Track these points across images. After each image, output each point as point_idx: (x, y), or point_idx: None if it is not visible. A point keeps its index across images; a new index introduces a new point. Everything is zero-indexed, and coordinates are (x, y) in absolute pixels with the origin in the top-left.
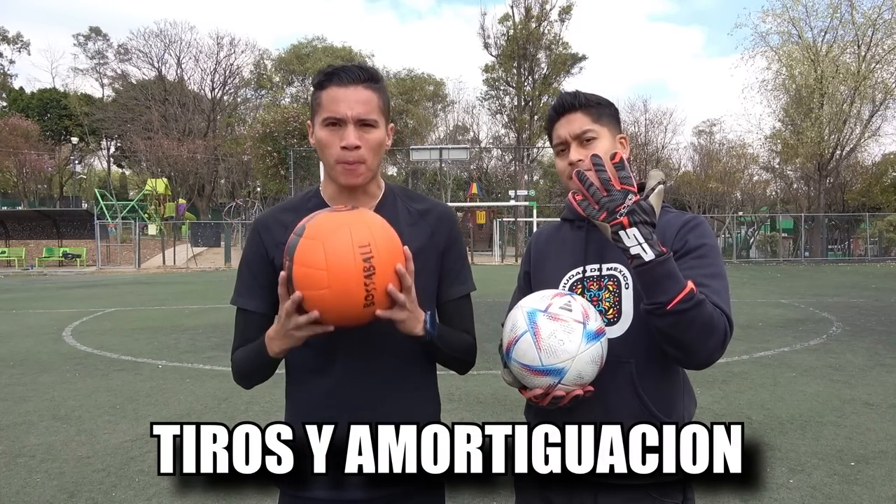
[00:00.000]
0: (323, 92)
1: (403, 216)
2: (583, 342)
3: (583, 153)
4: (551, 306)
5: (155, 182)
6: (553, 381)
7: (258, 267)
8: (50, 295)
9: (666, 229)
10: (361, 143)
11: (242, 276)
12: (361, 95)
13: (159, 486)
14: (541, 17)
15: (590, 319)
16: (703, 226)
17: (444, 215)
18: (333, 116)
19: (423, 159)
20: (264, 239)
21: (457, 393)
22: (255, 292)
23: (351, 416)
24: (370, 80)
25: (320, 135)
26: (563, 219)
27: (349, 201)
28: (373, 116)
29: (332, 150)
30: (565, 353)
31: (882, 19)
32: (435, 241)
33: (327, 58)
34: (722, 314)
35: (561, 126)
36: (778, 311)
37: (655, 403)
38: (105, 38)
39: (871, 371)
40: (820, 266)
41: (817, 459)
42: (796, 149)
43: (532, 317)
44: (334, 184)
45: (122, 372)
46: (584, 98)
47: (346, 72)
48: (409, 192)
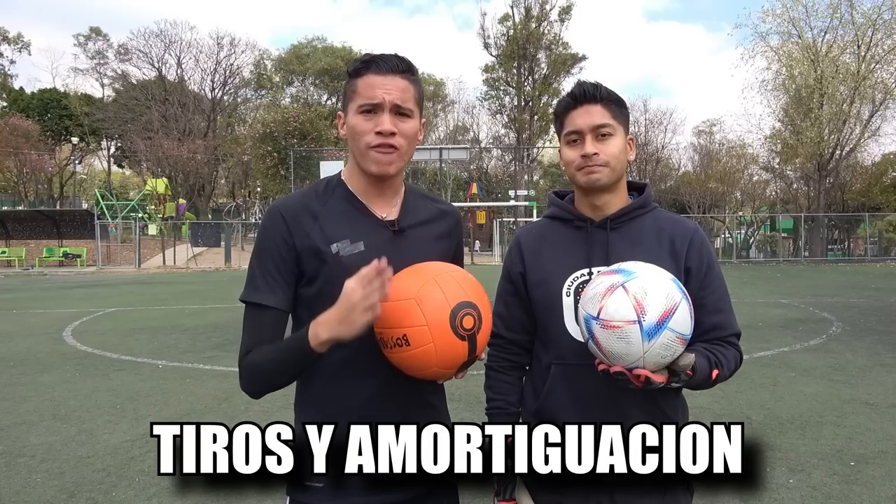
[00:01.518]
0: (359, 79)
1: (429, 213)
2: (644, 342)
3: (598, 147)
4: (602, 311)
5: (155, 182)
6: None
7: (281, 257)
8: (50, 295)
9: (675, 239)
10: (397, 130)
11: (261, 269)
12: (399, 83)
13: (159, 486)
14: (541, 17)
15: (646, 312)
16: (706, 239)
17: (459, 220)
18: (370, 102)
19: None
20: (292, 229)
21: (457, 393)
22: (276, 286)
23: (387, 418)
24: (408, 70)
25: (354, 121)
26: (552, 217)
27: (377, 194)
28: (409, 105)
29: (366, 137)
30: (630, 356)
31: (882, 19)
32: (450, 241)
33: (327, 58)
34: (735, 350)
35: (578, 115)
36: (778, 311)
37: (666, 403)
38: (105, 38)
39: (871, 371)
40: (820, 266)
41: (817, 459)
42: (796, 149)
43: (588, 325)
44: (363, 175)
45: (122, 372)
46: (606, 92)
47: (385, 60)
48: (424, 191)
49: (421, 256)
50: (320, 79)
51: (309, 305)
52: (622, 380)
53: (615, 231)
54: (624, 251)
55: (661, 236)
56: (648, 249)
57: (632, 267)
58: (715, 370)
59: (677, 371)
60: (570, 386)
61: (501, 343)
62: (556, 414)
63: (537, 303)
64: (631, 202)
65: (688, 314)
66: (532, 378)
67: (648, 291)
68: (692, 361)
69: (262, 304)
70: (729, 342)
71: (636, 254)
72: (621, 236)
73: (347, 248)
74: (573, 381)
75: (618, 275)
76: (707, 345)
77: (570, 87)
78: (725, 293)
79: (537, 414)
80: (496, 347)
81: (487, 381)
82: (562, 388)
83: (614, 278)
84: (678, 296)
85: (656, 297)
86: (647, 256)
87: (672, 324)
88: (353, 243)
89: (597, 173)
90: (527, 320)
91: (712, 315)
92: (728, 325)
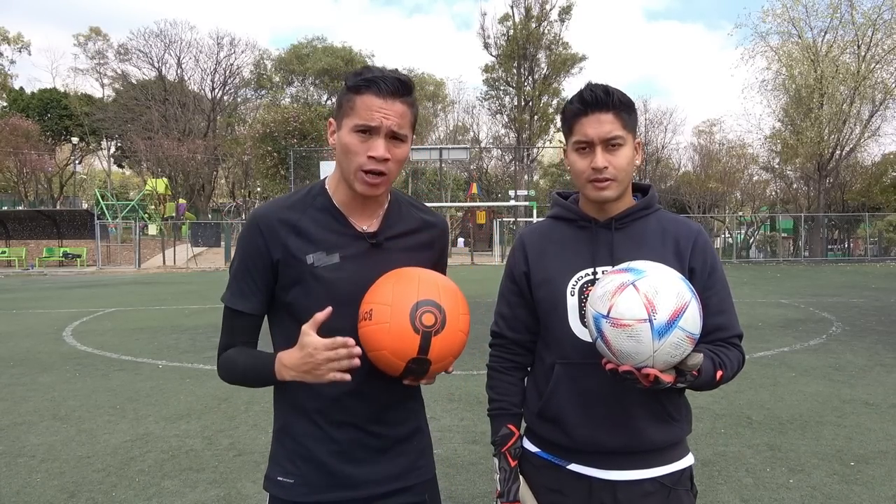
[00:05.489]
0: (358, 97)
1: (413, 223)
2: (654, 341)
3: (608, 159)
4: (612, 309)
5: (155, 182)
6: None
7: (256, 266)
8: (50, 295)
9: (679, 239)
10: (390, 156)
11: (237, 275)
12: (398, 109)
13: (159, 486)
14: (541, 17)
15: (657, 311)
16: (709, 241)
17: (445, 231)
18: (367, 124)
19: (423, 159)
20: (267, 237)
21: (457, 393)
22: (249, 293)
23: (359, 417)
24: (407, 93)
25: (347, 139)
26: (556, 217)
27: (359, 207)
28: (404, 131)
29: (358, 159)
30: (640, 354)
31: (882, 19)
32: (432, 252)
33: (327, 58)
34: (738, 352)
35: (589, 125)
36: (778, 311)
37: (671, 403)
38: (105, 38)
39: (871, 371)
40: (820, 266)
41: (817, 459)
42: (796, 149)
43: (598, 324)
44: (348, 189)
45: (122, 372)
46: (618, 98)
47: (387, 82)
48: (412, 200)
49: (396, 267)
50: (320, 79)
51: (284, 310)
52: (630, 379)
53: (620, 231)
54: (629, 251)
55: (665, 237)
56: (653, 250)
57: (641, 265)
58: (719, 371)
59: (684, 371)
60: (574, 385)
61: (504, 343)
62: (560, 414)
63: (541, 302)
64: (635, 203)
65: (697, 313)
66: (535, 378)
67: (659, 290)
68: (700, 361)
69: (235, 308)
70: (732, 343)
71: (641, 254)
72: (626, 236)
73: (323, 260)
74: (577, 381)
75: (628, 273)
76: (711, 346)
77: (580, 87)
78: (728, 295)
79: (540, 414)
80: (499, 348)
81: (490, 382)
82: (566, 387)
83: (624, 276)
84: (688, 294)
85: (667, 295)
86: (651, 257)
87: (682, 322)
88: (329, 255)
89: (607, 190)
90: (530, 320)
91: (715, 316)
92: (731, 327)
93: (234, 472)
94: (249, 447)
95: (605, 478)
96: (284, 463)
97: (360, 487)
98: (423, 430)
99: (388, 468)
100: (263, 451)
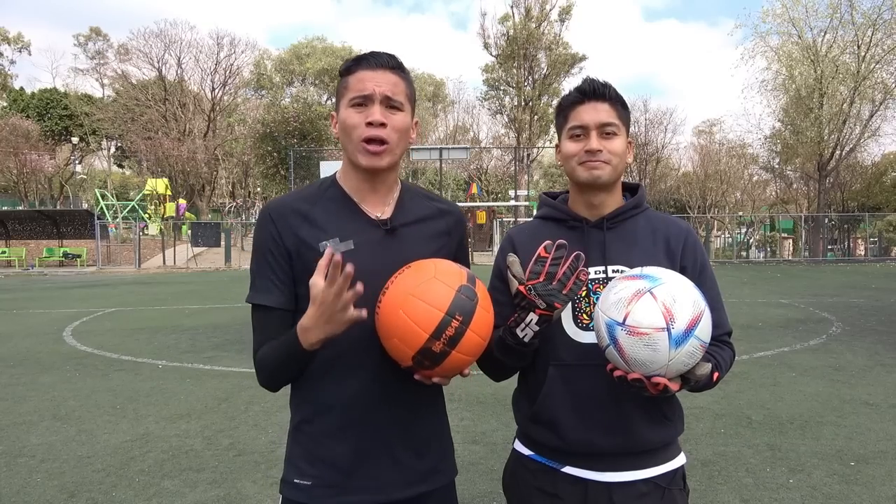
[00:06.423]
0: (350, 76)
1: (427, 211)
2: (671, 350)
3: (603, 144)
4: (629, 317)
5: (155, 182)
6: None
7: (273, 257)
8: (50, 295)
9: (669, 238)
10: (387, 121)
11: (258, 270)
12: (390, 77)
13: (159, 486)
14: (541, 17)
15: (675, 319)
16: (698, 239)
17: (461, 219)
18: (360, 94)
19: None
20: (280, 229)
21: (457, 393)
22: (271, 286)
23: (376, 415)
24: (398, 67)
25: (345, 115)
26: (545, 217)
27: (370, 192)
28: (399, 98)
29: (357, 130)
30: (655, 363)
31: (882, 19)
32: (447, 240)
33: (327, 58)
34: (730, 350)
35: (585, 111)
36: (778, 311)
37: (667, 405)
38: (105, 38)
39: (871, 371)
40: (820, 266)
41: (817, 459)
42: (796, 149)
43: (612, 331)
44: (356, 172)
45: (122, 372)
46: (615, 92)
47: (375, 56)
48: (425, 191)
49: (413, 255)
50: (320, 79)
51: (303, 304)
52: (639, 386)
53: (611, 231)
54: (620, 251)
55: (655, 236)
56: (644, 249)
57: (656, 272)
58: (716, 373)
59: (690, 379)
60: (568, 387)
61: None
62: (555, 416)
63: None
64: (625, 202)
65: (710, 322)
66: (527, 380)
67: (677, 298)
68: (708, 371)
69: (262, 304)
70: (723, 341)
71: (632, 254)
72: (617, 236)
73: (337, 247)
74: (572, 383)
75: (642, 280)
76: None
77: (577, 83)
78: (718, 292)
79: (534, 417)
80: None
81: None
82: (560, 389)
83: (640, 283)
84: (702, 303)
85: (685, 304)
86: (643, 256)
87: (698, 332)
88: (343, 242)
89: (599, 169)
90: None
91: None
92: (722, 324)
93: (234, 472)
94: (249, 447)
95: (601, 480)
96: (301, 464)
97: (380, 491)
98: (445, 433)
99: (409, 472)
100: (263, 451)
